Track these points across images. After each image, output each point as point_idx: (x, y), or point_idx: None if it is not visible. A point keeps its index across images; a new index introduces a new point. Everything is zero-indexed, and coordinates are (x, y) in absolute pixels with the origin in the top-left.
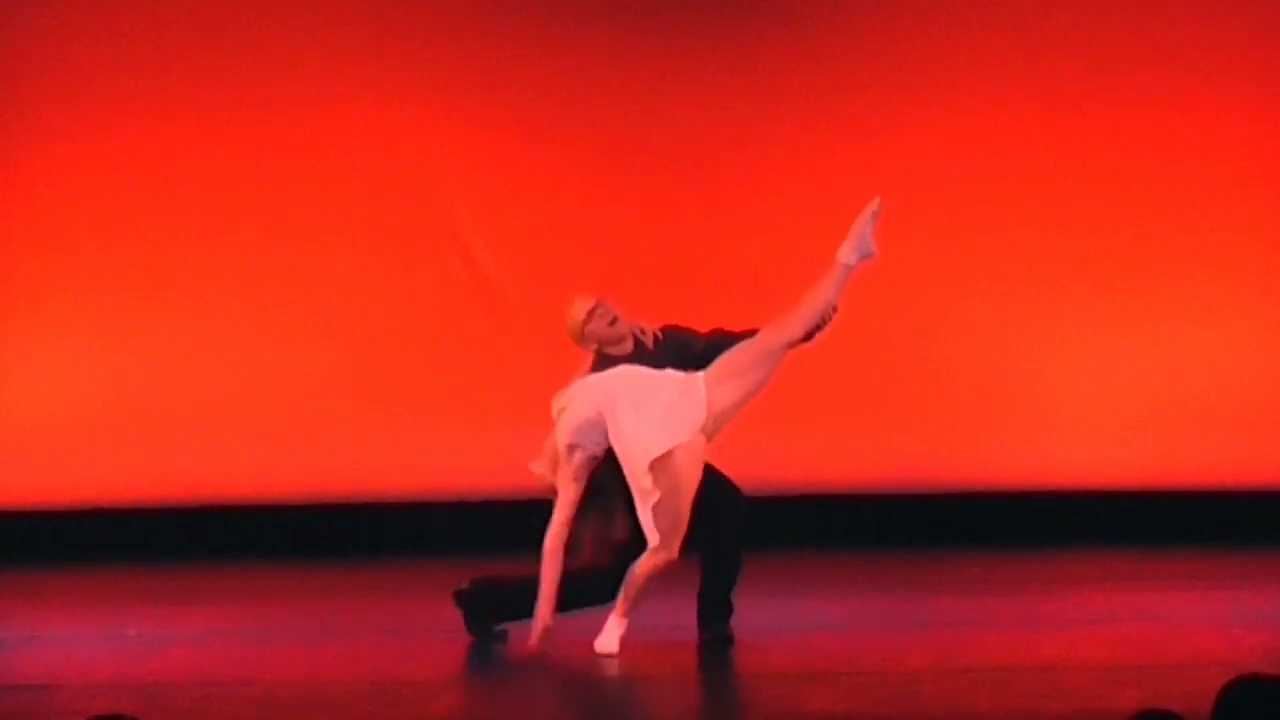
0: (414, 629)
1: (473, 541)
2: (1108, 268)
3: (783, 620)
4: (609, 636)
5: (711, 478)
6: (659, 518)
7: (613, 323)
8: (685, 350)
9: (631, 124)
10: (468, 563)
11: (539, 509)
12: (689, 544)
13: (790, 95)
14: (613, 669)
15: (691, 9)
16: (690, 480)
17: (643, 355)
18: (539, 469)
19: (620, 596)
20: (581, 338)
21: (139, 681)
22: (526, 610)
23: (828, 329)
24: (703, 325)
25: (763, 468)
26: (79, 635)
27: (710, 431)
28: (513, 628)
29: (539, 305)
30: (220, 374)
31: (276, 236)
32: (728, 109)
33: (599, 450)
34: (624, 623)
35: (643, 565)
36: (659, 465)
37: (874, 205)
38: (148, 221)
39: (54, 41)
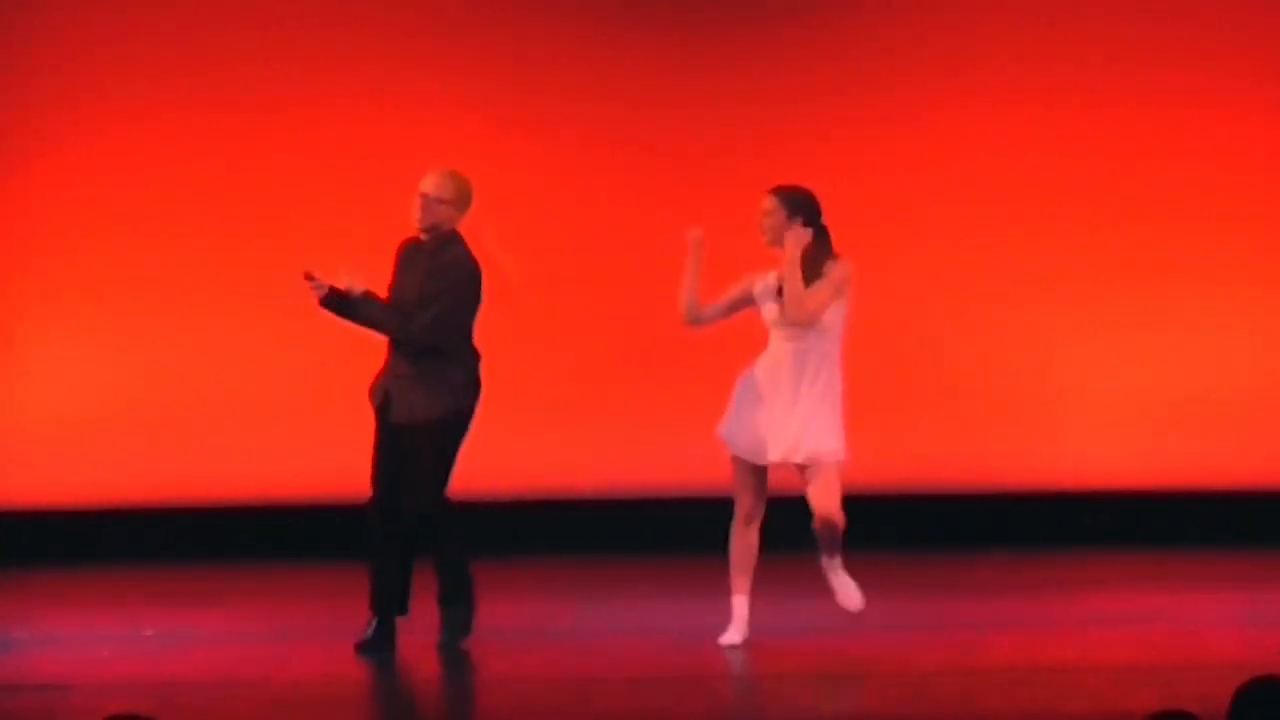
0: (429, 629)
1: (483, 543)
2: (1123, 269)
3: (798, 621)
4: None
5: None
6: None
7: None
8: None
9: (638, 123)
10: (479, 564)
11: (544, 510)
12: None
13: (799, 95)
14: (626, 671)
15: (698, 8)
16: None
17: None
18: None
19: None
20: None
21: (155, 681)
22: None
23: None
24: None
25: (778, 471)
26: (96, 635)
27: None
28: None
29: (543, 304)
30: (237, 375)
31: (285, 237)
32: (736, 108)
33: None
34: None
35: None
36: None
37: None
38: (156, 223)
39: (58, 43)
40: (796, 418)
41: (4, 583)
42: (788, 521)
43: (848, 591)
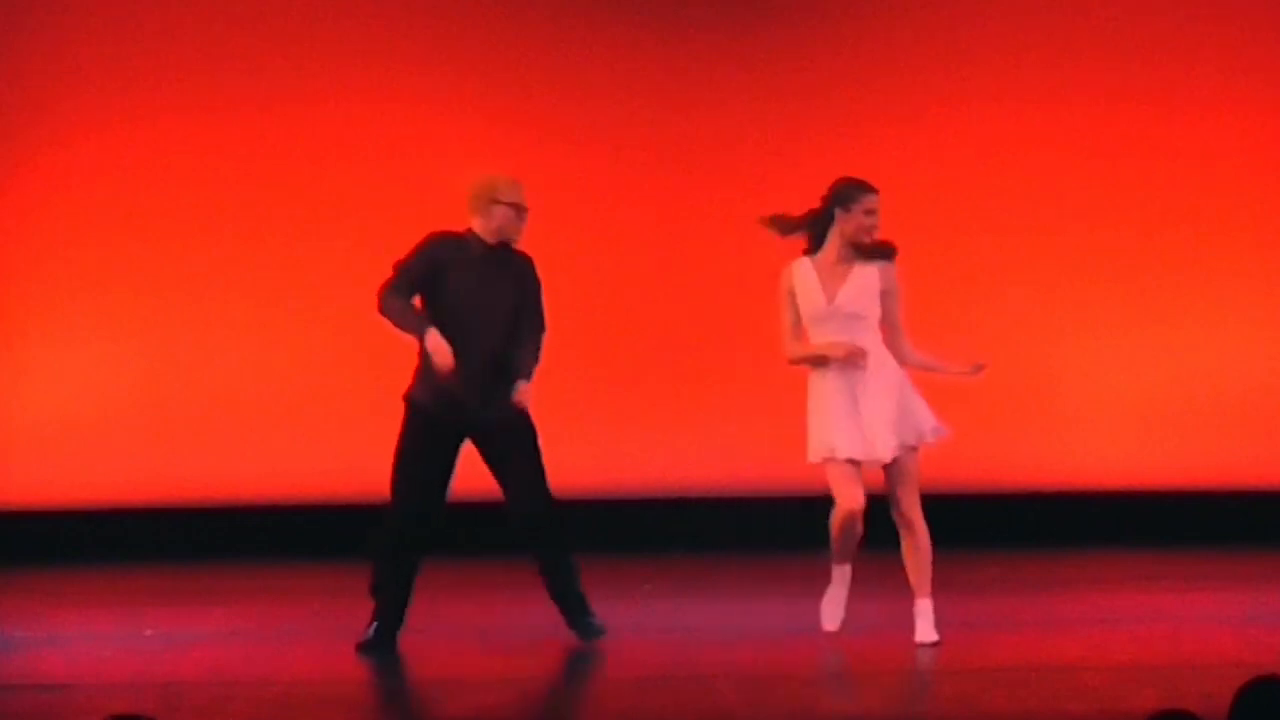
0: (432, 629)
1: (485, 543)
2: (1128, 268)
3: (801, 621)
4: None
5: (520, 480)
6: None
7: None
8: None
9: (643, 122)
10: (486, 564)
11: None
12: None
13: (805, 94)
14: (626, 671)
15: (702, 8)
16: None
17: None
18: None
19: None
20: (490, 205)
21: (157, 681)
22: None
23: None
24: (717, 324)
25: (785, 469)
26: (97, 635)
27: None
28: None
29: (548, 303)
30: (237, 375)
31: (287, 237)
32: (741, 108)
33: None
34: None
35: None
36: None
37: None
38: (157, 223)
39: (59, 44)
40: (885, 405)
41: (4, 583)
42: (789, 521)
43: (925, 630)
